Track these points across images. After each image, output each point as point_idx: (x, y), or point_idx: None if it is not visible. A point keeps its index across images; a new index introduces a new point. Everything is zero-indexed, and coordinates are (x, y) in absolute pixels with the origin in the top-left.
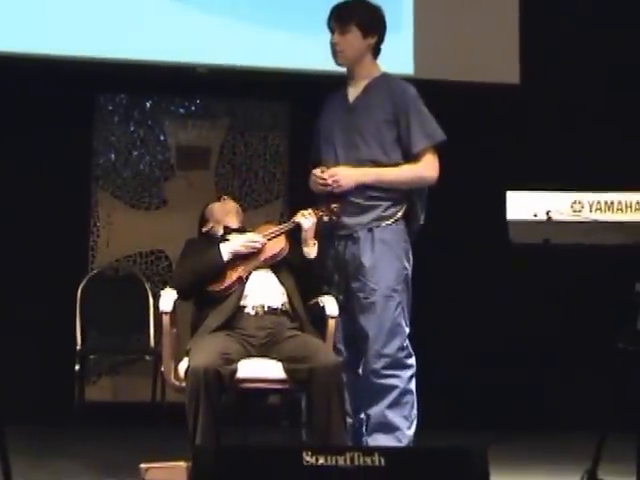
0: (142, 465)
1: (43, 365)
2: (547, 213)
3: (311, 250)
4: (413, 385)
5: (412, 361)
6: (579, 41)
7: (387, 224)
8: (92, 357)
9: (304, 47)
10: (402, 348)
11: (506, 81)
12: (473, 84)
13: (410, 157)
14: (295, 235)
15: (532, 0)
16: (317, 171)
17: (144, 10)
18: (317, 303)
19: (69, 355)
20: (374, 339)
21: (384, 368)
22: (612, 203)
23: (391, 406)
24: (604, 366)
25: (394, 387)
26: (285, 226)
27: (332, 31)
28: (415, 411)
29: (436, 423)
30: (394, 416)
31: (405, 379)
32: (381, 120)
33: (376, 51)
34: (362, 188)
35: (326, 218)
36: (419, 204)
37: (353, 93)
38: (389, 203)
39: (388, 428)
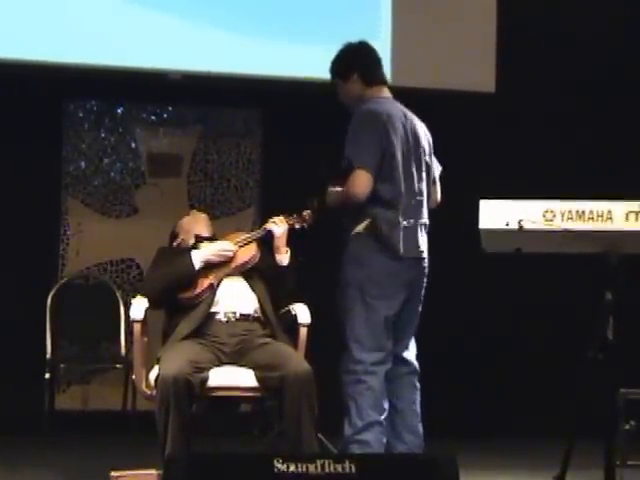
0: (113, 473)
1: (13, 374)
2: (519, 222)
3: (283, 257)
4: (357, 392)
5: (358, 368)
6: (553, 52)
7: (350, 237)
8: (62, 366)
9: (277, 54)
10: (346, 354)
11: (482, 90)
12: (449, 92)
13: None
14: (267, 242)
15: (509, 10)
16: None
17: (116, 15)
18: (289, 311)
19: (39, 364)
20: None
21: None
22: (584, 212)
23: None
24: (574, 373)
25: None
26: (256, 233)
27: None
28: (358, 419)
29: None
30: (345, 421)
31: (348, 382)
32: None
33: (367, 80)
34: (342, 211)
35: (297, 225)
36: (379, 217)
37: None
38: (350, 221)
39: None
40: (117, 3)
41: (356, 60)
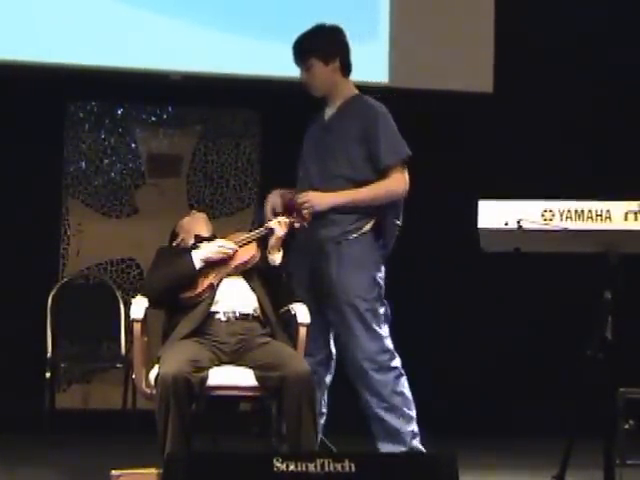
0: (113, 472)
1: (13, 373)
2: (518, 222)
3: (275, 257)
4: (401, 386)
5: (395, 363)
6: (551, 52)
7: (354, 237)
8: (63, 365)
9: (276, 55)
10: (382, 351)
11: (480, 90)
12: (447, 92)
13: (379, 173)
14: (266, 242)
15: (507, 11)
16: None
17: (116, 17)
18: (288, 311)
19: (40, 363)
20: (350, 345)
21: (370, 370)
22: (582, 212)
23: (386, 409)
24: (573, 372)
25: (384, 388)
26: (257, 233)
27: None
28: (409, 410)
29: None
30: (391, 418)
31: (391, 380)
32: (351, 138)
33: (345, 70)
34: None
35: (297, 224)
36: (390, 217)
37: (329, 113)
38: (356, 217)
39: (390, 433)
40: (117, 4)
41: (343, 44)
